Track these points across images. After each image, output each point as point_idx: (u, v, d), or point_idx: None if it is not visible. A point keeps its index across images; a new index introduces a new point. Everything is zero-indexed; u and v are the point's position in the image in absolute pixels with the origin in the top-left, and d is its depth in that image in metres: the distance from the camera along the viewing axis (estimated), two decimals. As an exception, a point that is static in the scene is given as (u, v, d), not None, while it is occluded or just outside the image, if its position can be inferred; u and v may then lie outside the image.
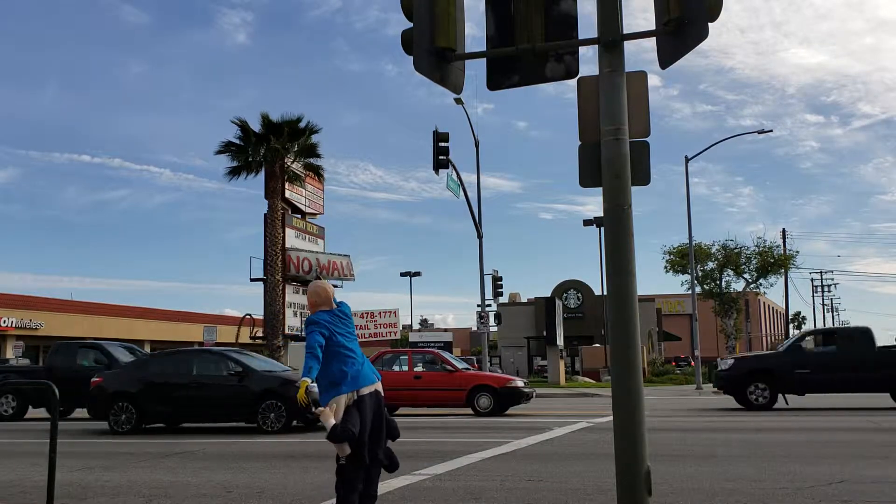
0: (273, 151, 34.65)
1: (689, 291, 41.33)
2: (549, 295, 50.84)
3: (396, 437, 5.77)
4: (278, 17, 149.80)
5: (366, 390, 5.48)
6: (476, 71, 6.21)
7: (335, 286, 38.67)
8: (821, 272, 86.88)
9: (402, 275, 66.82)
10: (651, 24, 5.42)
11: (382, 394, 5.67)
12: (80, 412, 20.46)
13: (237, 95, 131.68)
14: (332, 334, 5.52)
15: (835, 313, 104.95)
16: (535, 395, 20.19)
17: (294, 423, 14.34)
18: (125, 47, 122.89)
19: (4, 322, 42.98)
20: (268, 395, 14.27)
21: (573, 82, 5.76)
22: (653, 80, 6.08)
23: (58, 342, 22.48)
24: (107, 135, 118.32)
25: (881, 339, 20.39)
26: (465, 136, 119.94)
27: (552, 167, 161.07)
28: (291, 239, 36.34)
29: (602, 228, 30.89)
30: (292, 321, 36.19)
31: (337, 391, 5.42)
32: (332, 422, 5.30)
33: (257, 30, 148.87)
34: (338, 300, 5.81)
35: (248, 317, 40.38)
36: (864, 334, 19.93)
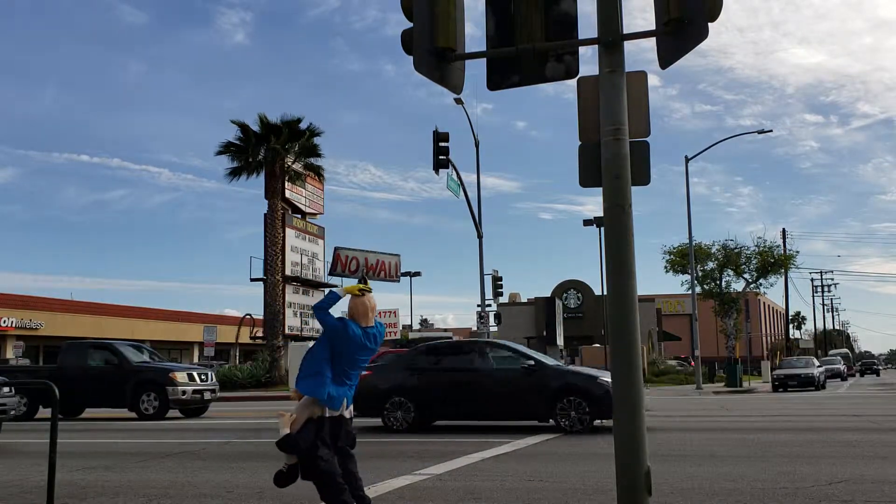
0: (273, 152, 34.66)
1: (689, 291, 41.34)
2: (549, 295, 50.88)
3: (353, 447, 5.75)
4: (277, 17, 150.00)
5: (331, 413, 5.48)
6: (475, 71, 6.23)
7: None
8: (821, 272, 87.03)
9: (402, 275, 66.66)
10: (651, 24, 5.43)
11: (347, 416, 5.66)
12: (90, 412, 20.42)
13: (236, 95, 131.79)
14: (347, 352, 5.47)
15: (835, 313, 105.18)
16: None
17: (598, 422, 13.25)
18: (124, 47, 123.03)
19: (4, 322, 42.99)
20: (567, 391, 13.08)
21: (573, 82, 5.77)
22: (652, 80, 6.13)
23: (68, 342, 22.40)
24: (106, 134, 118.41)
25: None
26: (464, 137, 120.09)
27: (552, 167, 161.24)
28: (292, 239, 36.33)
29: (602, 228, 30.92)
30: (292, 321, 36.18)
31: (312, 390, 5.41)
32: (287, 431, 5.39)
33: (256, 29, 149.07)
34: (378, 321, 5.74)
35: (248, 317, 40.39)
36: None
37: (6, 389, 13.04)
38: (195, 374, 19.69)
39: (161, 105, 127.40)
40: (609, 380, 13.21)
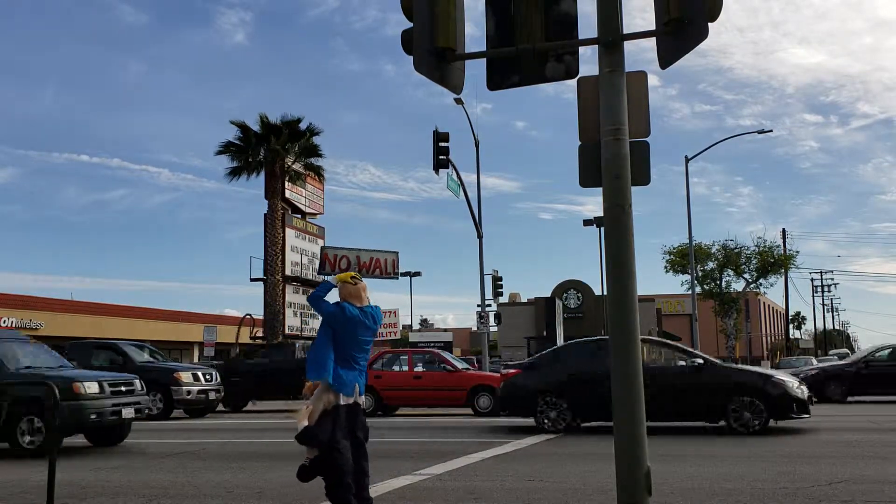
0: (273, 152, 34.65)
1: (689, 291, 41.35)
2: (549, 295, 50.87)
3: (367, 439, 5.77)
4: (276, 17, 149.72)
5: (346, 400, 5.48)
6: (475, 70, 6.22)
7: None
8: (821, 272, 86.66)
9: (402, 275, 66.73)
10: (649, 24, 5.43)
11: (362, 405, 5.67)
12: None
13: (236, 95, 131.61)
14: (347, 334, 5.49)
15: (835, 313, 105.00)
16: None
17: (771, 422, 12.70)
18: (124, 47, 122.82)
19: (4, 322, 42.93)
20: (740, 390, 12.62)
21: (572, 82, 5.77)
22: (651, 80, 6.15)
23: (71, 341, 22.22)
24: (105, 134, 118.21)
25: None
26: (463, 136, 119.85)
27: (551, 167, 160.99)
28: (292, 239, 36.33)
29: (602, 228, 30.91)
30: (292, 321, 36.16)
31: (320, 374, 5.42)
32: (305, 423, 5.39)
33: (256, 29, 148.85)
34: (372, 304, 5.77)
35: (248, 317, 40.34)
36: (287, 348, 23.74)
37: (139, 386, 12.91)
38: (200, 373, 19.59)
39: (161, 105, 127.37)
40: (783, 378, 12.97)
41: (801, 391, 12.83)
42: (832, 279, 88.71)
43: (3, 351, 12.44)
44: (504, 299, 46.25)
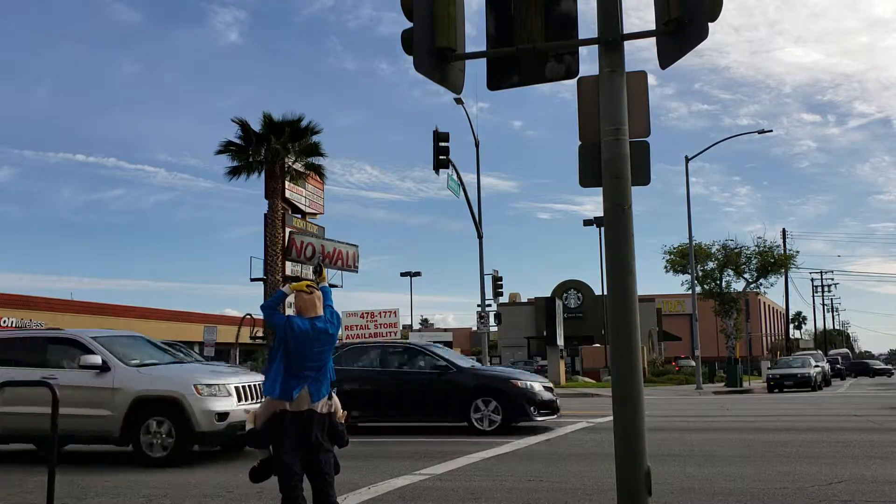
0: (274, 152, 34.63)
1: (689, 291, 41.33)
2: (549, 295, 50.90)
3: (343, 445, 5.64)
4: (271, 16, 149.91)
5: (293, 407, 5.36)
6: (472, 69, 6.21)
7: (334, 285, 38.51)
8: (821, 272, 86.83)
9: (402, 275, 66.90)
10: (644, 24, 5.44)
11: (324, 410, 5.48)
12: None
13: (231, 94, 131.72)
14: (297, 348, 5.40)
15: (835, 313, 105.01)
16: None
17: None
18: (118, 46, 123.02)
19: (4, 322, 42.96)
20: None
21: (570, 82, 5.78)
22: (648, 80, 6.16)
23: None
24: (101, 134, 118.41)
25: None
26: (460, 136, 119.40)
27: (548, 167, 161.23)
28: (292, 239, 36.32)
29: (602, 228, 30.89)
30: (292, 321, 36.10)
31: (266, 387, 5.45)
32: (251, 426, 5.47)
33: (250, 28, 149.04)
34: (332, 309, 5.71)
35: (248, 317, 40.33)
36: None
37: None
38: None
39: (156, 104, 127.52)
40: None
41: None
42: (832, 279, 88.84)
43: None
44: (504, 299, 46.23)
